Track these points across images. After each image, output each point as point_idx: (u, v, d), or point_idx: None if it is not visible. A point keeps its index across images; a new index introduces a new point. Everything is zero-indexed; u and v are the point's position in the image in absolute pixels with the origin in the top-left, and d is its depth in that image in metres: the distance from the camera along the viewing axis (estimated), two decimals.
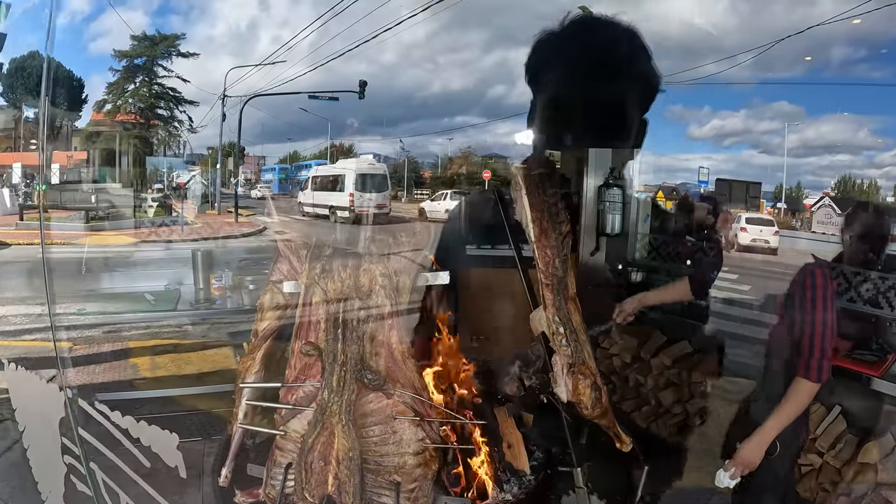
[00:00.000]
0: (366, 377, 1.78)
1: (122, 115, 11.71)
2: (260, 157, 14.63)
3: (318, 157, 15.38)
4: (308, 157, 15.54)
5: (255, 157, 14.72)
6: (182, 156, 12.39)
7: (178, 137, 12.63)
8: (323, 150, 15.38)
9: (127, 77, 11.84)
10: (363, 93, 12.00)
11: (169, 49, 12.17)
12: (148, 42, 11.83)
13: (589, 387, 2.01)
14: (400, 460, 1.80)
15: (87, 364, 4.93)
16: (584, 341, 2.09)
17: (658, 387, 3.52)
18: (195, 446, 3.48)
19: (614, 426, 2.22)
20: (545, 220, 1.96)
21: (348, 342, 1.79)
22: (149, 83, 11.96)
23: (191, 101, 12.81)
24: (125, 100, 11.82)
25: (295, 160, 15.41)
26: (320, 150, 15.45)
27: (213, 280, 4.06)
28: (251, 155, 13.93)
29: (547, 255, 1.96)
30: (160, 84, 12.33)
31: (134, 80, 11.90)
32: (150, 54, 11.83)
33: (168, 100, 12.32)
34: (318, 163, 15.05)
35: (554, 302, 1.99)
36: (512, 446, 2.49)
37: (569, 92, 2.33)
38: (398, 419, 1.82)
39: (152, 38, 11.81)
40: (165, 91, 12.36)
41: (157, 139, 12.44)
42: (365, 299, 1.81)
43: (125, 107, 11.84)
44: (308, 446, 1.78)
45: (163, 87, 12.41)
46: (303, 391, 1.95)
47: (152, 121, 12.18)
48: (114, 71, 11.95)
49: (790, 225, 5.67)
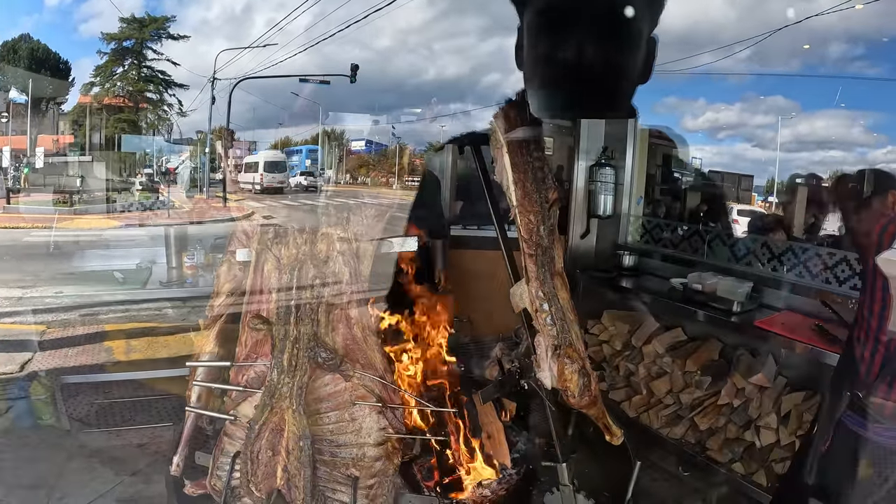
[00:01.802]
0: (319, 356, 1.55)
1: (109, 99, 11.46)
2: (251, 142, 14.47)
3: (308, 143, 15.26)
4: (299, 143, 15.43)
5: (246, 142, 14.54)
6: (170, 140, 12.18)
7: (167, 121, 12.41)
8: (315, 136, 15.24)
9: (115, 60, 11.57)
10: (355, 77, 11.80)
11: (158, 31, 11.92)
12: (137, 24, 11.57)
13: (576, 372, 1.77)
14: (358, 451, 1.58)
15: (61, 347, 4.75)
16: (571, 321, 1.86)
17: (650, 376, 3.32)
18: (165, 432, 3.34)
19: (604, 417, 2.00)
20: (529, 182, 1.74)
21: (302, 316, 1.57)
22: (137, 66, 11.71)
23: (181, 84, 12.58)
24: (113, 83, 11.57)
25: (286, 145, 15.31)
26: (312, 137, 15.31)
27: (185, 258, 3.85)
28: (241, 139, 13.71)
29: (530, 222, 1.74)
30: (149, 67, 12.08)
31: (122, 62, 11.65)
32: (138, 37, 11.57)
33: (157, 83, 12.07)
34: (310, 148, 15.04)
35: (538, 275, 1.76)
36: (492, 437, 2.28)
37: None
38: (357, 405, 1.60)
39: (141, 20, 11.54)
40: (155, 74, 12.11)
41: (147, 123, 12.20)
42: (321, 267, 1.59)
43: (113, 90, 11.58)
44: (255, 434, 1.56)
45: (152, 70, 12.16)
46: (254, 371, 1.73)
47: (141, 104, 11.94)
48: (101, 54, 11.70)
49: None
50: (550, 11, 1.45)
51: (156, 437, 3.33)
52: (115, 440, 3.30)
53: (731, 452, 2.87)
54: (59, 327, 5.19)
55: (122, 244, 8.05)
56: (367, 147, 15.88)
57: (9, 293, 6.06)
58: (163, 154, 12.15)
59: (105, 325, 5.29)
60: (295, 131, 14.69)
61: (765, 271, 3.36)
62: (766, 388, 2.84)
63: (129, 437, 3.34)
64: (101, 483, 2.85)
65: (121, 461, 3.05)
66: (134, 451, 3.19)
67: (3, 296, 5.91)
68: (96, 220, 8.93)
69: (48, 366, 4.29)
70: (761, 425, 2.78)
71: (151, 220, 8.83)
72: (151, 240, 7.87)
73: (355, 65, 10.34)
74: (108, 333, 5.09)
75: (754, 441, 2.81)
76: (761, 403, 2.82)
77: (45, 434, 3.30)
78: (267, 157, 12.83)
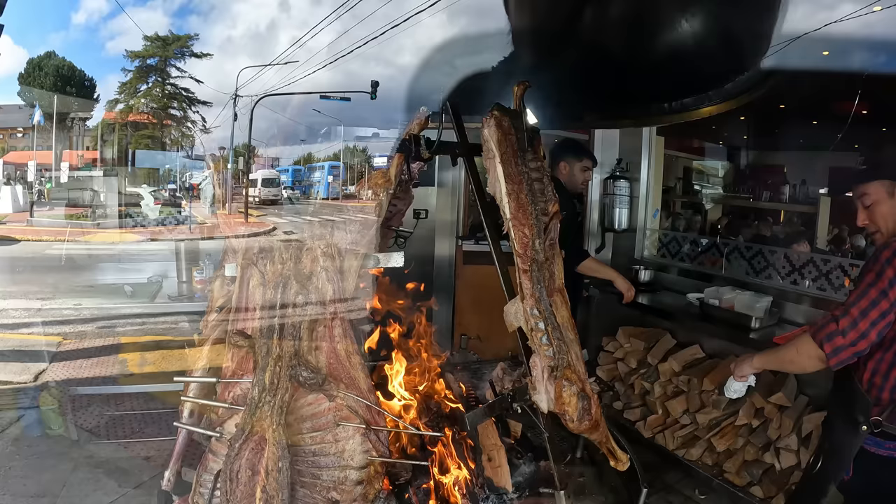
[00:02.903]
0: (300, 374, 1.49)
1: (134, 115, 11.75)
2: (273, 159, 14.83)
3: (331, 159, 15.61)
4: (322, 159, 15.81)
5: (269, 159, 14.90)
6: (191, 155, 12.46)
7: (190, 137, 12.69)
8: (336, 153, 15.55)
9: (139, 77, 11.89)
10: (375, 93, 11.93)
11: (182, 50, 12.22)
12: (161, 42, 11.89)
13: (575, 395, 1.67)
14: (340, 474, 1.51)
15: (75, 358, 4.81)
16: (571, 340, 1.77)
17: (666, 395, 3.19)
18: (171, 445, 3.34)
19: (608, 441, 1.89)
20: (523, 193, 1.66)
21: (285, 333, 1.52)
22: (161, 83, 12.01)
23: (204, 101, 12.89)
24: (137, 100, 11.87)
25: (308, 162, 15.76)
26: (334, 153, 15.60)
27: (195, 273, 3.87)
28: (263, 156, 14.03)
29: (525, 236, 1.65)
30: (173, 84, 12.40)
31: (146, 80, 11.96)
32: (162, 55, 11.88)
33: (181, 100, 12.37)
34: (332, 164, 15.46)
35: (533, 292, 1.68)
36: (492, 459, 2.19)
37: None
38: (341, 426, 1.53)
39: (165, 38, 11.86)
40: (178, 91, 12.42)
41: (170, 139, 12.48)
42: (305, 283, 1.54)
43: (137, 106, 11.88)
44: (235, 452, 1.50)
45: (175, 87, 12.49)
46: (240, 388, 1.68)
47: (165, 121, 12.22)
48: (126, 71, 12.04)
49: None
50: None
51: (162, 450, 3.31)
52: (122, 452, 3.30)
53: (750, 475, 2.74)
54: (74, 339, 5.27)
55: (141, 258, 8.20)
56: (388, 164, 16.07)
57: (28, 304, 6.19)
58: (186, 170, 12.41)
59: (120, 337, 5.35)
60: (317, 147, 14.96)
61: (785, 285, 3.24)
62: (786, 407, 2.70)
63: (137, 448, 3.33)
64: (105, 494, 2.84)
65: (126, 473, 3.04)
66: (140, 463, 3.19)
67: (22, 307, 6.03)
68: (116, 234, 9.11)
69: (61, 376, 4.34)
70: (781, 447, 2.65)
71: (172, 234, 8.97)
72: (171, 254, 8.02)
73: (375, 81, 10.54)
74: (122, 346, 5.15)
75: (774, 463, 2.67)
76: (781, 424, 2.69)
77: (54, 443, 3.32)
78: (263, 174, 15.25)
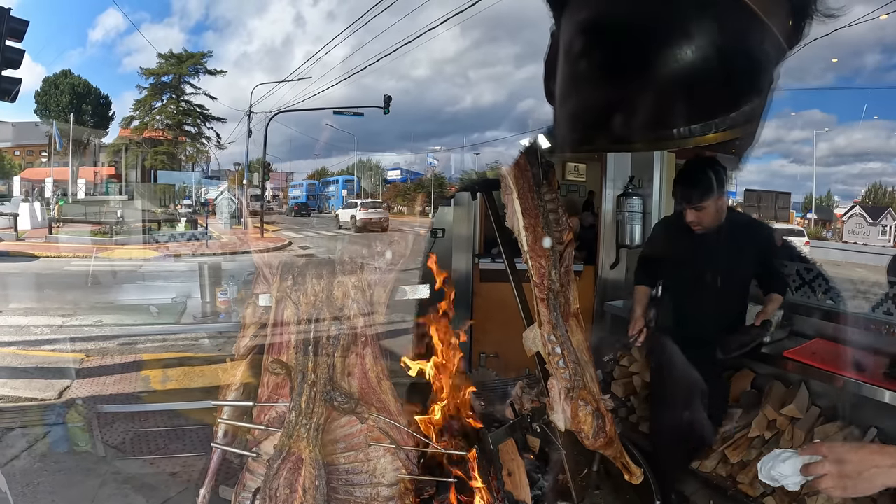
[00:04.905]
0: (335, 399, 1.61)
1: (149, 132, 11.97)
2: (288, 174, 14.89)
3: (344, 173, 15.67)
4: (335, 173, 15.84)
5: (283, 174, 14.95)
6: (207, 172, 12.59)
7: (205, 154, 12.86)
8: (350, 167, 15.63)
9: (154, 94, 12.12)
10: (388, 108, 12.12)
11: (196, 67, 12.44)
12: (175, 60, 12.11)
13: (590, 414, 1.79)
14: (372, 491, 1.62)
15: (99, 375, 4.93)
16: (586, 363, 1.88)
17: None
18: (197, 461, 3.43)
19: (622, 456, 2.00)
20: (540, 227, 1.77)
21: (319, 361, 1.63)
22: (176, 100, 12.21)
23: (218, 117, 13.09)
24: (152, 116, 12.09)
25: (322, 176, 15.76)
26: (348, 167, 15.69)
27: (218, 293, 3.97)
28: (278, 171, 14.14)
29: (541, 266, 1.77)
30: (187, 101, 12.61)
31: (161, 97, 12.18)
32: (177, 72, 12.10)
33: (195, 116, 12.57)
34: (346, 178, 15.48)
35: (550, 319, 1.79)
36: (512, 474, 2.28)
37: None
38: (373, 446, 1.64)
39: (179, 56, 12.08)
40: (192, 108, 12.63)
41: (185, 155, 12.66)
42: (337, 313, 1.65)
43: (152, 123, 12.10)
44: (273, 471, 1.61)
45: (190, 103, 12.70)
46: (275, 411, 1.80)
47: (180, 137, 12.42)
48: (140, 88, 12.27)
49: (821, 235, 5.35)
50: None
51: (188, 466, 3.40)
52: (149, 468, 3.38)
53: (763, 487, 2.79)
54: (97, 355, 5.39)
55: (161, 275, 8.34)
56: (403, 176, 16.21)
57: (50, 321, 6.34)
58: (201, 186, 12.56)
59: (142, 354, 5.48)
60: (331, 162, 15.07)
61: (795, 298, 3.30)
62: (798, 419, 2.76)
63: (163, 465, 3.42)
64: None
65: (153, 488, 3.13)
66: (166, 478, 3.27)
67: (44, 324, 6.17)
68: (136, 250, 9.26)
69: (86, 393, 4.44)
70: None
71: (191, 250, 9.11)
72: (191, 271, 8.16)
73: (388, 96, 10.78)
74: (144, 363, 5.27)
75: None
76: (793, 435, 2.74)
77: (81, 460, 3.41)
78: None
